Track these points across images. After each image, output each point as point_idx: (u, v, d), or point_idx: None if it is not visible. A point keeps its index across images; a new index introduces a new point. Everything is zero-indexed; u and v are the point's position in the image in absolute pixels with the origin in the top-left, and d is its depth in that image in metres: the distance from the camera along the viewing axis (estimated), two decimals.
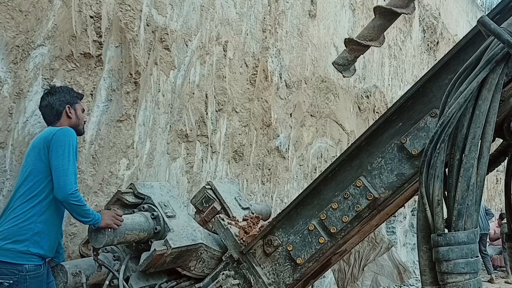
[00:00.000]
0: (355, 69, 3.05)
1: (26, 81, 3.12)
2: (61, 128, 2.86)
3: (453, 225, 2.15)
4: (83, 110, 3.13)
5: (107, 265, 3.19)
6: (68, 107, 3.01)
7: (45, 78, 3.24)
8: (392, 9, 2.79)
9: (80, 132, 3.13)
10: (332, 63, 3.06)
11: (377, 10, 2.82)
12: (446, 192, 2.23)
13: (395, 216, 8.39)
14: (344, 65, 3.00)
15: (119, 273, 3.17)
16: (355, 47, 2.91)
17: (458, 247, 2.12)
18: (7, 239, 2.72)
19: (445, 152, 2.22)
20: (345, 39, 2.94)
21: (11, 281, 2.70)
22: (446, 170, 2.30)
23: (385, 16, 2.85)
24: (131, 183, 3.47)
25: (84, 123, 3.18)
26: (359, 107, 7.60)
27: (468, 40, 2.65)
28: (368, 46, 2.92)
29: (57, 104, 2.99)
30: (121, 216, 3.04)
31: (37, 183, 2.77)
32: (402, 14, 2.87)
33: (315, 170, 6.56)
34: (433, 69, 2.80)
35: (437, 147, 2.18)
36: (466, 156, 2.14)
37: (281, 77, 5.80)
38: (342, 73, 3.02)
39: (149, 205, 3.35)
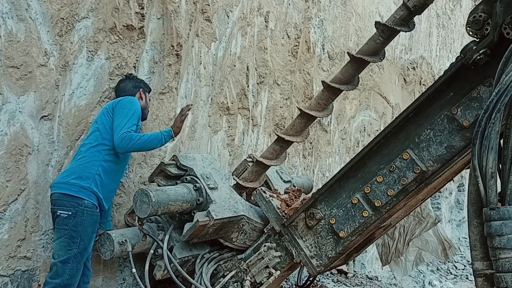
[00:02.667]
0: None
1: (71, 53, 3.17)
2: (128, 97, 3.24)
3: (508, 198, 2.06)
4: (149, 100, 3.55)
5: (152, 235, 3.25)
6: (142, 89, 3.42)
7: (89, 51, 3.28)
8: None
9: (144, 117, 3.46)
10: None
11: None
12: (500, 165, 2.12)
13: (440, 192, 8.17)
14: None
15: (163, 243, 3.23)
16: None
17: None
18: (73, 175, 3.02)
19: (500, 123, 2.10)
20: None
21: (70, 213, 2.96)
22: (501, 141, 2.18)
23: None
24: (174, 155, 3.50)
25: (148, 111, 3.54)
26: (404, 79, 7.35)
27: None
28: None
29: (132, 87, 3.39)
30: (186, 109, 3.36)
31: (104, 133, 3.11)
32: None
33: (358, 144, 6.44)
34: None
35: (492, 117, 2.07)
36: None
37: (323, 49, 5.66)
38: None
39: (191, 176, 3.38)
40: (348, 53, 3.18)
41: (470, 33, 2.57)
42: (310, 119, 3.41)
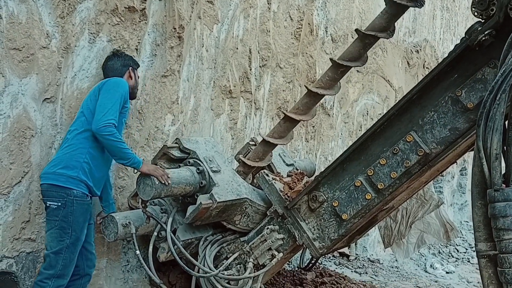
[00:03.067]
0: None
1: (73, 35, 3.15)
2: (115, 78, 3.11)
3: None
4: (138, 77, 3.41)
5: (155, 217, 3.27)
6: (132, 68, 3.29)
7: (91, 33, 3.25)
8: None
9: (133, 95, 3.35)
10: None
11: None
12: (505, 146, 2.11)
13: (442, 176, 8.18)
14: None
15: (166, 225, 3.25)
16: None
17: None
18: (60, 164, 2.93)
19: (505, 104, 2.09)
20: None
21: (59, 203, 2.90)
22: (506, 123, 2.17)
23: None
24: (177, 138, 3.50)
25: (137, 89, 3.40)
26: (408, 63, 7.30)
27: None
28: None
29: (121, 66, 3.24)
30: (164, 177, 3.08)
31: (89, 119, 2.96)
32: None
33: (361, 127, 6.42)
34: None
35: (497, 98, 2.06)
36: None
37: (326, 31, 5.61)
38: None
39: (194, 159, 3.38)
40: (356, 29, 3.14)
41: (476, 13, 2.55)
42: (317, 98, 3.39)
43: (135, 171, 3.07)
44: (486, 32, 2.48)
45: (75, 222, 2.94)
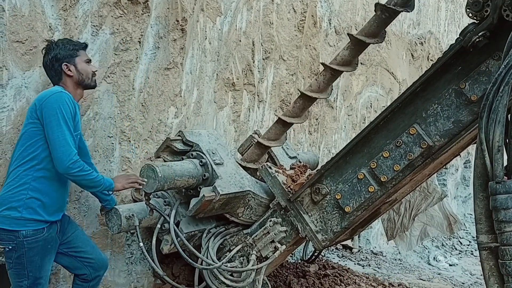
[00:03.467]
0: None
1: (76, 28, 3.15)
2: (52, 94, 2.68)
3: None
4: (87, 61, 2.89)
5: (159, 209, 3.28)
6: (66, 65, 2.80)
7: (94, 25, 3.25)
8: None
9: (89, 86, 2.93)
10: None
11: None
12: (507, 139, 2.11)
13: (446, 168, 8.16)
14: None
15: (170, 218, 3.26)
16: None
17: None
18: (3, 205, 2.66)
19: (508, 96, 2.08)
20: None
21: (10, 247, 2.67)
22: (509, 116, 2.16)
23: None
24: (180, 131, 3.51)
25: (93, 75, 2.92)
26: (412, 55, 7.26)
27: None
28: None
29: (55, 64, 2.80)
30: (138, 183, 3.01)
31: (29, 147, 2.67)
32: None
33: (364, 120, 6.41)
34: None
35: (500, 90, 2.05)
36: None
37: (330, 23, 5.59)
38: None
39: (197, 152, 3.39)
40: (349, 34, 3.18)
41: (470, 15, 2.56)
42: (310, 101, 3.45)
43: (109, 192, 3.00)
44: (480, 34, 2.50)
45: (29, 263, 2.69)
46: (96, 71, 2.97)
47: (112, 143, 3.47)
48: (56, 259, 2.93)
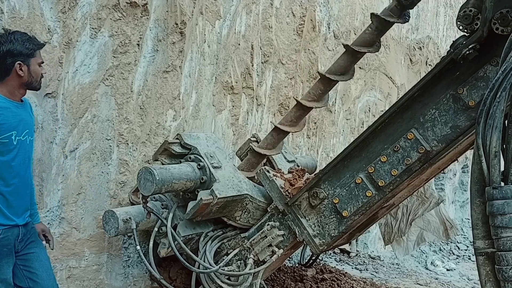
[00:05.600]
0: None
1: (74, 30, 3.15)
2: None
3: (511, 178, 2.05)
4: (40, 64, 2.71)
5: (156, 213, 3.28)
6: (19, 63, 2.58)
7: (92, 28, 3.26)
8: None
9: (34, 88, 2.75)
10: None
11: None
12: (504, 144, 2.11)
13: (444, 173, 8.16)
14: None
15: (167, 221, 3.26)
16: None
17: None
18: None
19: (505, 102, 2.09)
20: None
21: None
22: (506, 121, 2.17)
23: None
24: (178, 134, 3.51)
25: (41, 77, 2.74)
26: (410, 59, 7.28)
27: None
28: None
29: (7, 58, 2.57)
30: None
31: None
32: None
33: (363, 124, 6.41)
34: None
35: (497, 96, 2.06)
36: None
37: (329, 27, 5.60)
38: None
39: (195, 155, 3.39)
40: (344, 44, 3.23)
41: (461, 27, 2.59)
42: (307, 110, 3.49)
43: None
44: (470, 46, 2.52)
45: None
46: (45, 73, 2.83)
47: (110, 146, 3.47)
48: None
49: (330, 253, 5.96)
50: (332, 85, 3.39)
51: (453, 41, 2.70)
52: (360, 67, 6.12)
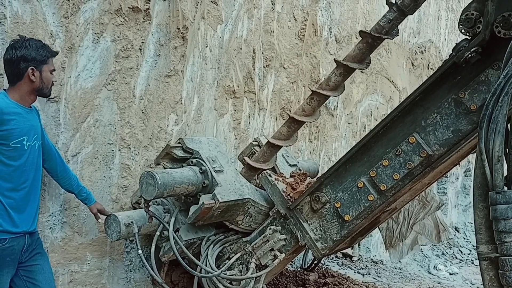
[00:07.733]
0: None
1: (77, 35, 3.16)
2: None
3: None
4: (52, 71, 2.76)
5: (158, 217, 3.28)
6: (32, 69, 2.63)
7: (95, 33, 3.27)
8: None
9: (44, 95, 2.82)
10: None
11: None
12: (507, 149, 2.11)
13: (447, 177, 8.15)
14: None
15: (169, 225, 3.26)
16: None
17: None
18: None
19: (508, 106, 2.09)
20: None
21: None
22: (508, 125, 2.17)
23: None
24: (180, 138, 3.51)
25: (52, 85, 2.81)
26: (412, 63, 7.28)
27: None
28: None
29: (21, 63, 2.62)
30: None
31: None
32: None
33: (365, 128, 6.41)
34: None
35: (500, 100, 2.05)
36: None
37: (331, 32, 5.61)
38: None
39: (197, 159, 3.39)
40: (335, 60, 3.23)
41: (463, 31, 2.59)
42: (299, 124, 3.47)
43: None
44: (472, 50, 2.52)
45: None
46: (55, 81, 2.89)
47: (112, 150, 3.47)
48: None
49: (332, 257, 5.94)
50: (324, 100, 3.40)
51: (455, 44, 2.70)
52: (361, 71, 6.12)
